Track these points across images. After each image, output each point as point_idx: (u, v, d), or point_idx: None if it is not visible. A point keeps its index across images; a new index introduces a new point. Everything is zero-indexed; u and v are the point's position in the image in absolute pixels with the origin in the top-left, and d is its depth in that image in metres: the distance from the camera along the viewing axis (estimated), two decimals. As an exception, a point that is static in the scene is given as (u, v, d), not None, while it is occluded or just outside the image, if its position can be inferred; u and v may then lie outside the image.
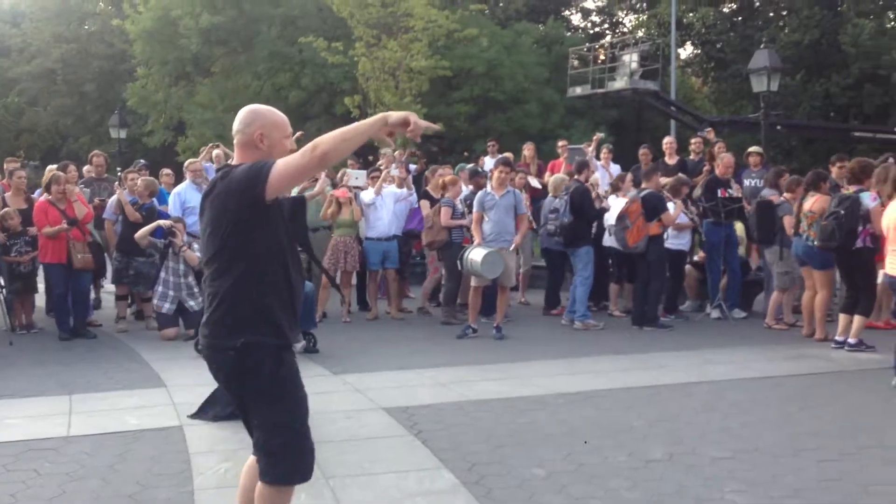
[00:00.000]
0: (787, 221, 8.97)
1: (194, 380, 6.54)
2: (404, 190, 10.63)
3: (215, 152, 11.66)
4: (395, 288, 10.45)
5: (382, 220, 10.21)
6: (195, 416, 5.71)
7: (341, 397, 6.34)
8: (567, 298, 10.14)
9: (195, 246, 9.02)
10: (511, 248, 9.04)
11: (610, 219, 9.61)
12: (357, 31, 21.87)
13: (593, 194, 10.11)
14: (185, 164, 10.63)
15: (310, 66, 26.04)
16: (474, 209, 9.07)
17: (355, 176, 10.57)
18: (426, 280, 10.98)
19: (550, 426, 5.61)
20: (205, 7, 26.03)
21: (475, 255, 8.66)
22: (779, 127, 19.66)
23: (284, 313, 3.08)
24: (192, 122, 27.44)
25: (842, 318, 8.15)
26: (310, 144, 2.86)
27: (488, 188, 9.15)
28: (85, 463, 4.91)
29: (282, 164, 2.89)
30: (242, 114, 3.19)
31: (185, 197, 9.85)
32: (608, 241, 9.97)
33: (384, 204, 10.24)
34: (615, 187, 10.14)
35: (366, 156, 22.54)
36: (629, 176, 10.38)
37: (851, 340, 7.96)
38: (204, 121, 26.82)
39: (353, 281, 10.76)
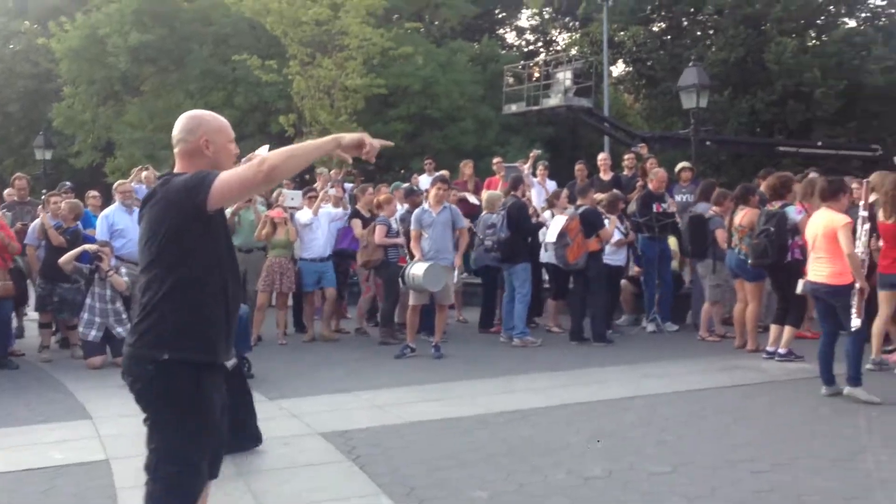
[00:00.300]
0: (720, 235, 9.13)
1: (121, 410, 6.30)
2: (340, 210, 10.53)
3: (144, 174, 11.42)
4: (329, 309, 10.28)
5: (318, 241, 10.08)
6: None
7: (278, 423, 6.19)
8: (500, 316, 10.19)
9: (123, 270, 8.76)
10: (455, 267, 9.07)
11: (550, 236, 9.64)
12: (291, 50, 21.71)
13: (529, 210, 10.15)
14: (115, 185, 10.35)
15: (243, 85, 25.75)
16: (412, 227, 9.02)
17: (291, 196, 10.43)
18: (360, 299, 10.88)
19: (491, 446, 5.56)
20: (134, 25, 25.54)
21: (417, 269, 8.63)
22: (708, 142, 20.09)
23: (219, 328, 3.00)
24: (121, 143, 26.82)
25: (773, 328, 8.31)
26: (257, 159, 2.81)
27: (425, 206, 9.11)
28: (5, 501, 4.68)
29: (226, 176, 2.82)
30: (185, 121, 3.10)
31: (113, 219, 9.56)
32: (545, 256, 10.02)
33: (320, 224, 10.12)
34: (551, 203, 10.20)
35: (301, 175, 22.33)
36: (565, 192, 10.46)
37: (781, 351, 8.12)
38: (133, 140, 26.26)
39: (290, 302, 10.58)
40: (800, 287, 7.00)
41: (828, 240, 6.52)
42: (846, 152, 22.41)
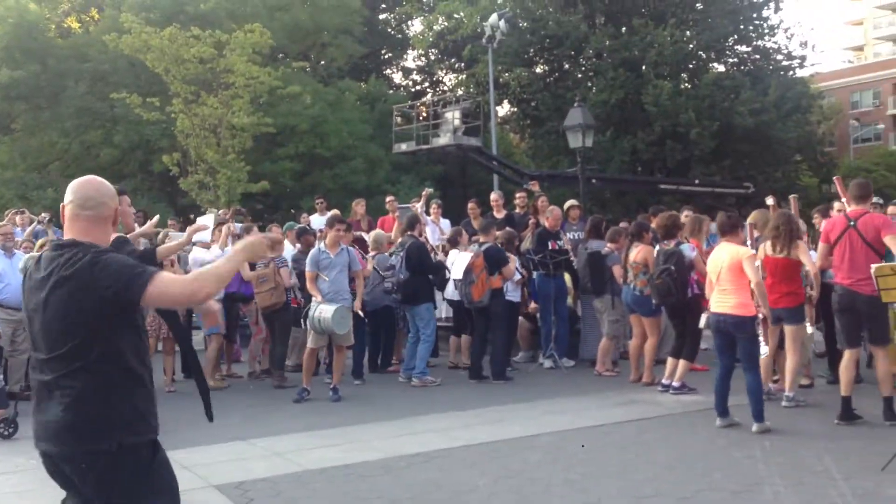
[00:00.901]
0: (617, 271, 9.31)
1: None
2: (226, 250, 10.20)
3: (18, 218, 10.80)
4: (211, 354, 9.86)
5: None
6: None
7: (167, 477, 5.83)
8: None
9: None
10: (356, 310, 8.91)
11: (456, 273, 9.56)
12: (174, 87, 21.15)
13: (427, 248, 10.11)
14: None
15: (123, 123, 24.91)
16: (308, 268, 8.79)
17: (176, 238, 10.03)
18: (252, 342, 10.52)
19: (395, 491, 5.40)
20: (3, 61, 24.39)
21: (324, 311, 8.39)
22: (594, 180, 20.66)
23: (151, 405, 2.96)
24: (-9, 183, 25.45)
25: (670, 361, 8.50)
26: (193, 281, 2.82)
27: (322, 246, 8.90)
28: None
29: (163, 286, 2.76)
30: (92, 190, 2.95)
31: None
32: (449, 293, 9.98)
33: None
34: (453, 242, 10.17)
35: (187, 215, 21.71)
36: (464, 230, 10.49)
37: (676, 384, 8.30)
38: (4, 181, 24.94)
39: (177, 347, 10.12)
40: (703, 321, 7.14)
41: (733, 272, 6.72)
42: (721, 190, 23.52)
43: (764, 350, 6.69)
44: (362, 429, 7.32)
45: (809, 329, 8.05)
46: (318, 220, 12.74)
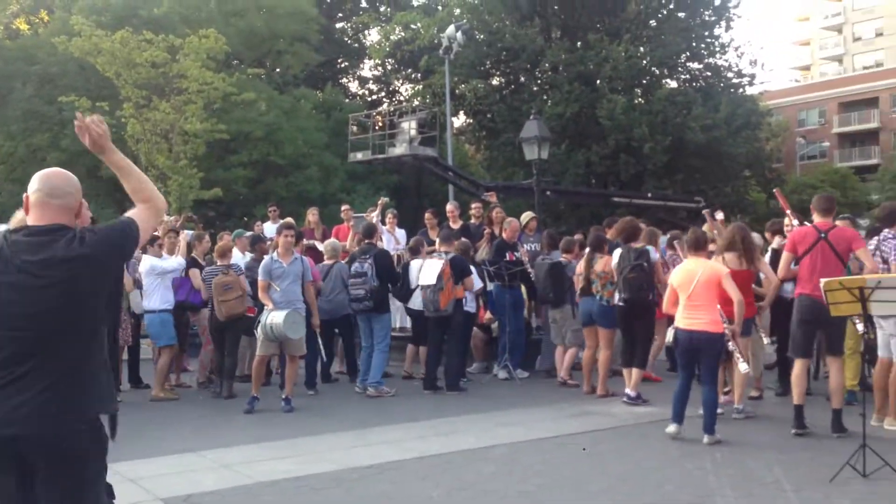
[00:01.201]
0: (577, 281, 9.33)
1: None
2: (178, 259, 10.00)
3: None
4: (167, 366, 9.65)
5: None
6: None
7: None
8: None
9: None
10: (314, 325, 8.84)
11: (428, 279, 9.41)
12: (125, 92, 20.81)
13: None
14: None
15: (71, 127, 24.17)
16: (260, 277, 8.66)
17: None
18: (202, 353, 10.31)
19: (347, 505, 5.31)
20: (-52, 61, 23.81)
21: (276, 318, 8.28)
22: (548, 193, 20.75)
23: (113, 379, 3.16)
24: (-67, 185, 24.72)
25: (626, 372, 8.53)
26: (142, 201, 3.00)
27: (274, 255, 8.78)
28: None
29: (142, 222, 2.96)
30: (60, 180, 2.97)
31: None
32: (413, 302, 9.94)
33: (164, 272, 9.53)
34: (415, 251, 10.13)
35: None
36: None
37: (631, 393, 8.34)
38: (-53, 183, 24.27)
39: (124, 356, 9.91)
40: (670, 336, 7.04)
41: (709, 288, 6.72)
42: (673, 203, 23.80)
43: (744, 367, 6.75)
44: (314, 440, 7.21)
45: (766, 340, 8.17)
46: (271, 228, 12.61)
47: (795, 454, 6.36)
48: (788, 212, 8.20)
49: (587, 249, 9.25)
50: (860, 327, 6.26)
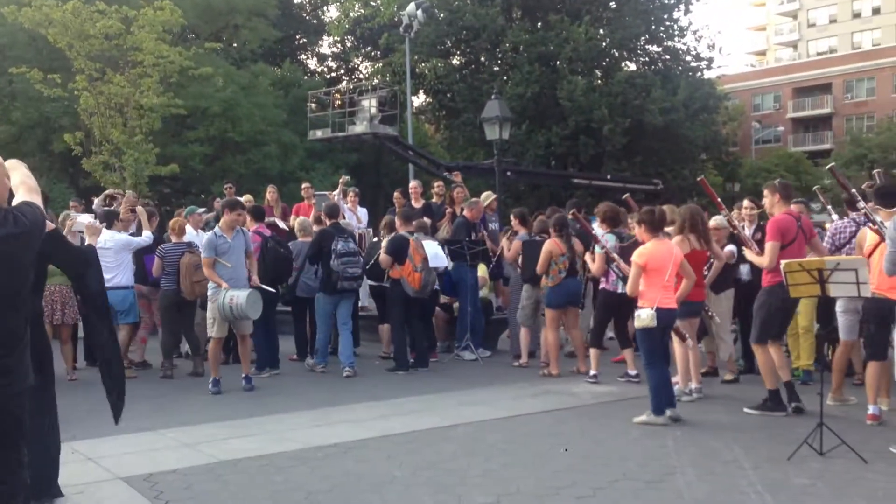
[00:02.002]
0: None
1: None
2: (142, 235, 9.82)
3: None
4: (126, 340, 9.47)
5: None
6: None
7: (71, 468, 5.53)
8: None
9: None
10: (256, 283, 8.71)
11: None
12: (77, 64, 20.27)
13: None
14: None
15: (22, 99, 23.82)
16: (205, 253, 8.40)
17: (81, 219, 9.58)
18: (140, 331, 10.14)
19: (312, 483, 5.28)
20: None
21: (237, 297, 8.12)
22: (508, 173, 20.80)
23: None
24: None
25: (593, 352, 8.60)
26: (24, 187, 3.26)
27: (218, 231, 8.54)
28: None
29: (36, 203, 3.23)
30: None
31: None
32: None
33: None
34: (391, 228, 10.03)
35: (89, 197, 20.88)
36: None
37: (631, 373, 8.42)
38: None
39: (80, 334, 9.69)
40: (648, 318, 6.91)
41: (676, 268, 6.85)
42: (632, 185, 23.99)
43: (690, 343, 6.89)
44: (277, 419, 7.15)
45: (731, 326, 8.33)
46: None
47: (754, 433, 6.48)
48: (717, 201, 8.12)
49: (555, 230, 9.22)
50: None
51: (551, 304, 9.02)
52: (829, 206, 9.30)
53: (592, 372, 8.50)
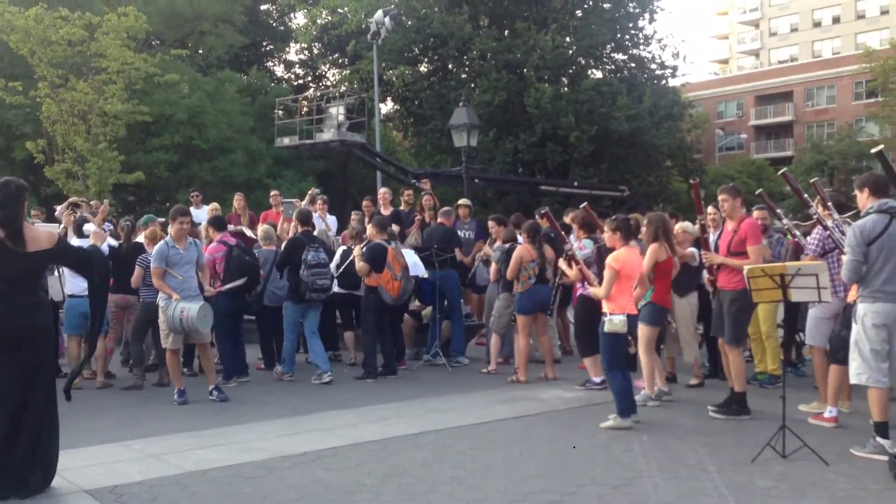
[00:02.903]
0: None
1: None
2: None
3: None
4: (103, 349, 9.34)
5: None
6: None
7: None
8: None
9: None
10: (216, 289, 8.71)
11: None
12: (40, 71, 20.02)
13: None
14: None
15: (-17, 107, 23.37)
16: (155, 264, 8.26)
17: (87, 227, 9.49)
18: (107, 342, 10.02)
19: (280, 493, 5.25)
20: None
21: (187, 310, 8.04)
22: (476, 180, 20.88)
23: None
24: None
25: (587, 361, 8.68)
26: None
27: (169, 241, 8.40)
28: None
29: None
30: None
31: None
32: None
33: None
34: (361, 238, 10.00)
35: (52, 205, 20.62)
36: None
37: (596, 379, 8.49)
38: None
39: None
40: (619, 323, 6.90)
41: (639, 275, 7.01)
42: (599, 192, 24.23)
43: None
44: (244, 429, 7.10)
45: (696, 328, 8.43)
46: (200, 215, 12.27)
47: (719, 436, 6.57)
48: (709, 207, 8.32)
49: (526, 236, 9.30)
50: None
51: (521, 310, 9.07)
52: (780, 212, 9.31)
53: (597, 379, 8.45)
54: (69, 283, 9.13)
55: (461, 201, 12.11)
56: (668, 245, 7.69)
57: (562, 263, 8.50)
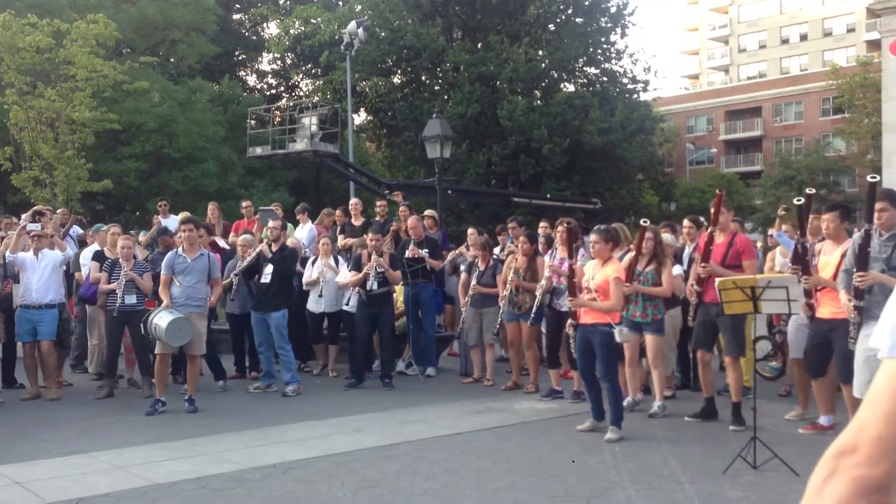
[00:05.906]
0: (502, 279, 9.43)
1: None
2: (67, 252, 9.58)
3: None
4: (52, 362, 9.14)
5: (32, 285, 8.96)
6: None
7: (-4, 495, 5.37)
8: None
9: None
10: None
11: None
12: (7, 77, 19.76)
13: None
14: None
15: (-51, 113, 23.00)
16: (163, 271, 8.34)
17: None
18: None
19: (250, 506, 5.18)
20: None
21: (160, 320, 7.95)
22: (449, 191, 20.89)
23: None
24: None
25: (552, 372, 8.68)
26: None
27: (179, 250, 8.46)
28: None
29: None
30: None
31: None
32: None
33: (37, 267, 9.00)
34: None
35: (18, 213, 20.32)
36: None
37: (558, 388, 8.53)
38: None
39: None
40: (629, 333, 7.16)
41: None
42: (571, 204, 24.34)
43: None
44: (215, 440, 7.01)
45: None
46: (173, 222, 12.08)
47: (690, 447, 6.59)
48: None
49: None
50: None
51: (510, 318, 9.08)
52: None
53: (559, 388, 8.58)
54: (47, 292, 8.99)
55: (427, 212, 12.12)
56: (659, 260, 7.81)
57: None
